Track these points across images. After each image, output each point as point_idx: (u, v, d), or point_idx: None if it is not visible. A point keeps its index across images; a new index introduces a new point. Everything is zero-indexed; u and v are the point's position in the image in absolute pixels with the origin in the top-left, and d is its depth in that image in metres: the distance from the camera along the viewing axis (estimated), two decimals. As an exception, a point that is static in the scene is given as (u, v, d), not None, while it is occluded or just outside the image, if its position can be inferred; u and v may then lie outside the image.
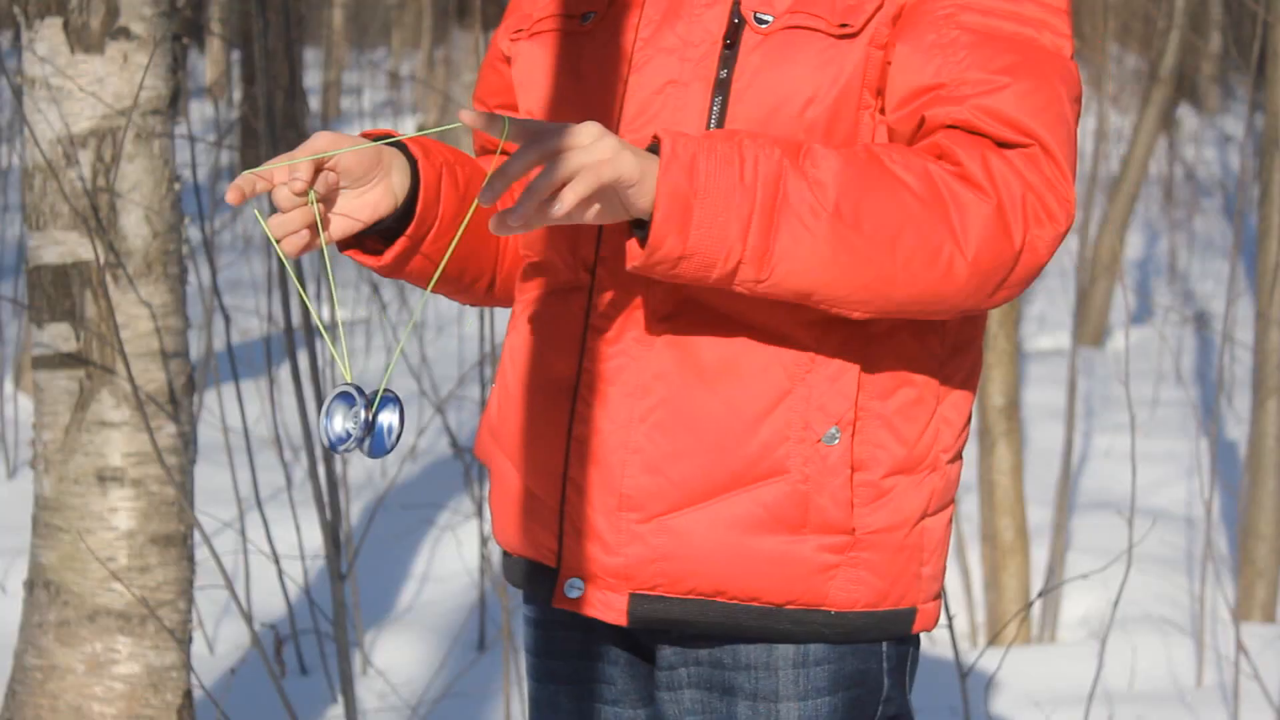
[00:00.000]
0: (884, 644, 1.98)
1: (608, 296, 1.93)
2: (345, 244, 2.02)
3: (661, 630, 1.98)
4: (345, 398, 1.88)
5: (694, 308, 1.90)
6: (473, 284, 2.12)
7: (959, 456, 2.01)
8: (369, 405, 1.87)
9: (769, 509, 1.89)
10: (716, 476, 1.90)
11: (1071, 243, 10.94)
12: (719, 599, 1.92)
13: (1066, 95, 1.87)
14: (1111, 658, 4.71)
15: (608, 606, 1.95)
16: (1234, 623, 4.77)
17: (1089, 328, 8.66)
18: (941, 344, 1.95)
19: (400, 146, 1.96)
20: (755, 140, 1.79)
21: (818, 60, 1.87)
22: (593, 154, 1.72)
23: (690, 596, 1.93)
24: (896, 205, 1.78)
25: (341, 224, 1.94)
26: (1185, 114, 14.86)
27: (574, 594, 1.96)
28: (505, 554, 2.09)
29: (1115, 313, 9.19)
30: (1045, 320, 9.51)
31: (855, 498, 1.91)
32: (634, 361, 1.91)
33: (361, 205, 1.94)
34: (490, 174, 1.78)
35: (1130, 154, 8.33)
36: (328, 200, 1.93)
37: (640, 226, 1.79)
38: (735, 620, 1.93)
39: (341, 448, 1.87)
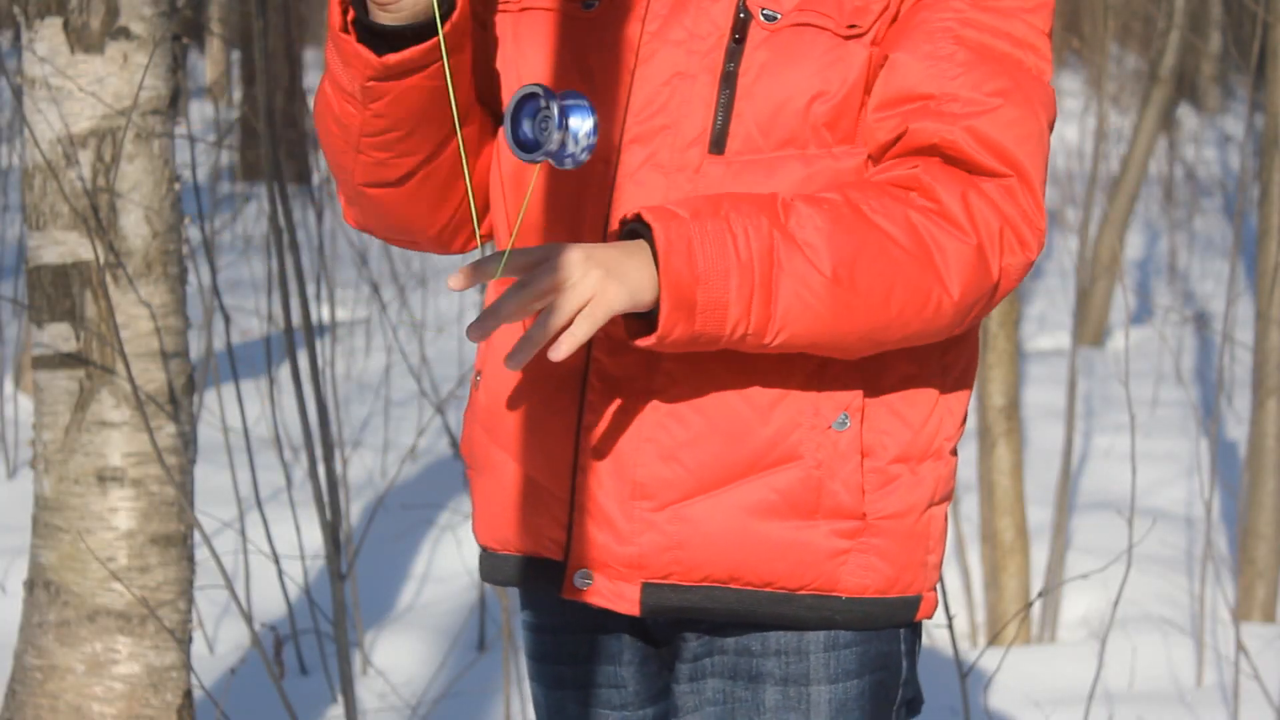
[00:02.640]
0: (903, 629, 2.00)
1: None
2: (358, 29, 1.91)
3: (684, 623, 1.98)
4: (530, 101, 1.80)
5: None
6: (405, 154, 1.98)
7: (956, 450, 2.03)
8: (559, 105, 1.77)
9: (783, 495, 1.91)
10: (731, 463, 1.91)
11: (1071, 243, 10.94)
12: (732, 585, 1.93)
13: (1046, 123, 1.92)
14: (1111, 658, 4.71)
15: (619, 597, 1.95)
16: (1234, 623, 4.77)
17: (1089, 328, 8.65)
18: None
19: None
20: (739, 209, 1.82)
21: (826, 59, 1.89)
22: (582, 293, 1.77)
23: (703, 584, 1.93)
24: (887, 262, 1.84)
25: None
26: (1185, 114, 14.86)
27: (583, 585, 1.96)
28: (489, 554, 2.06)
29: (1115, 313, 9.19)
30: (1045, 320, 9.51)
31: (866, 483, 1.93)
32: (643, 352, 1.91)
33: None
34: (482, 312, 1.81)
35: (1130, 154, 8.33)
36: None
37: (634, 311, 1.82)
38: (749, 607, 1.94)
39: (529, 156, 1.80)
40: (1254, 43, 5.23)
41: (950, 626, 3.38)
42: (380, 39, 1.89)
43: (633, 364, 1.92)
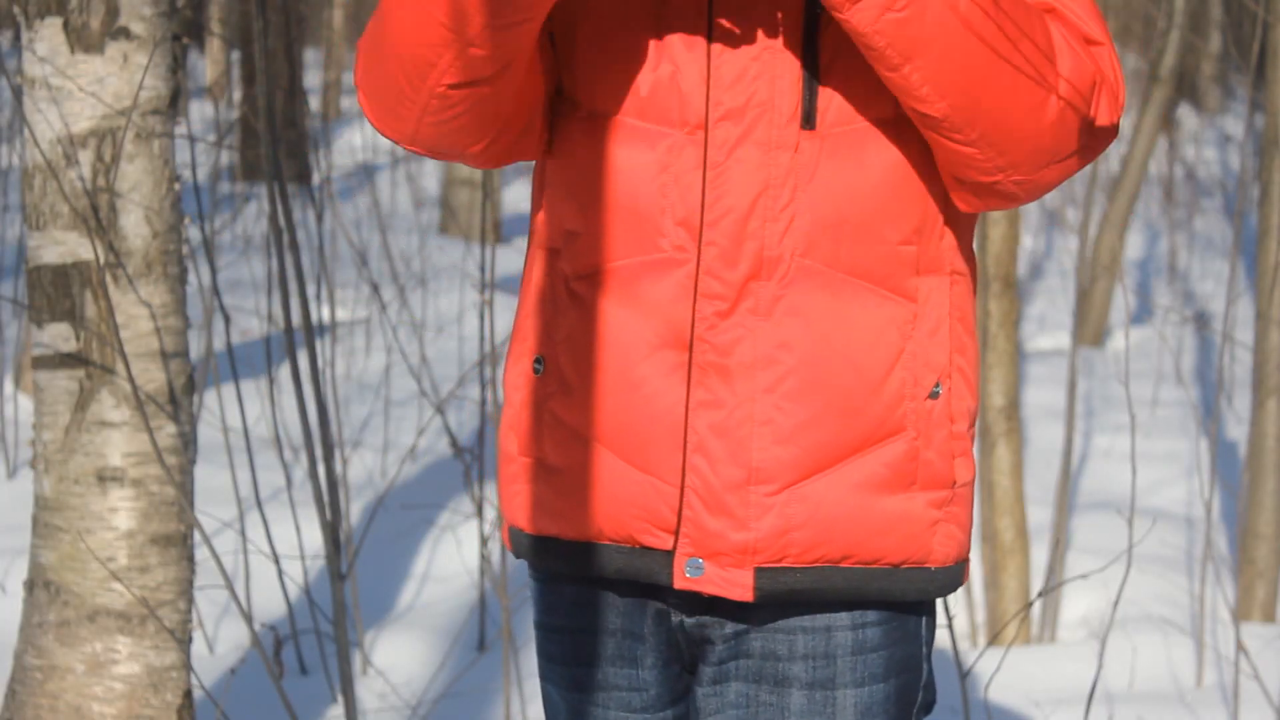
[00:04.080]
0: (923, 626, 2.01)
1: (720, 269, 1.90)
2: None
3: (707, 613, 1.98)
4: None
5: (809, 274, 1.90)
6: (520, 37, 1.85)
7: None
8: None
9: (890, 467, 1.92)
10: (847, 440, 1.92)
11: (1071, 243, 10.94)
12: (845, 564, 1.93)
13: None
14: (1111, 658, 4.70)
15: (732, 584, 1.93)
16: (1234, 623, 4.77)
17: (1089, 328, 8.65)
18: (972, 303, 2.02)
19: None
20: None
21: None
22: None
23: (817, 564, 1.93)
24: (1031, 23, 1.83)
25: None
26: (1185, 114, 14.86)
27: (695, 574, 1.93)
28: (556, 541, 1.99)
29: (1115, 313, 9.19)
30: (1045, 320, 9.51)
31: (954, 450, 1.96)
32: (751, 333, 1.90)
33: None
34: None
35: (1130, 154, 8.33)
36: None
37: None
38: (858, 585, 1.94)
39: None
40: (1254, 43, 5.23)
41: (950, 626, 3.38)
42: None
43: (739, 345, 1.90)
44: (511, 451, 2.04)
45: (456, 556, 5.51)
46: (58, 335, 3.32)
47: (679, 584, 1.94)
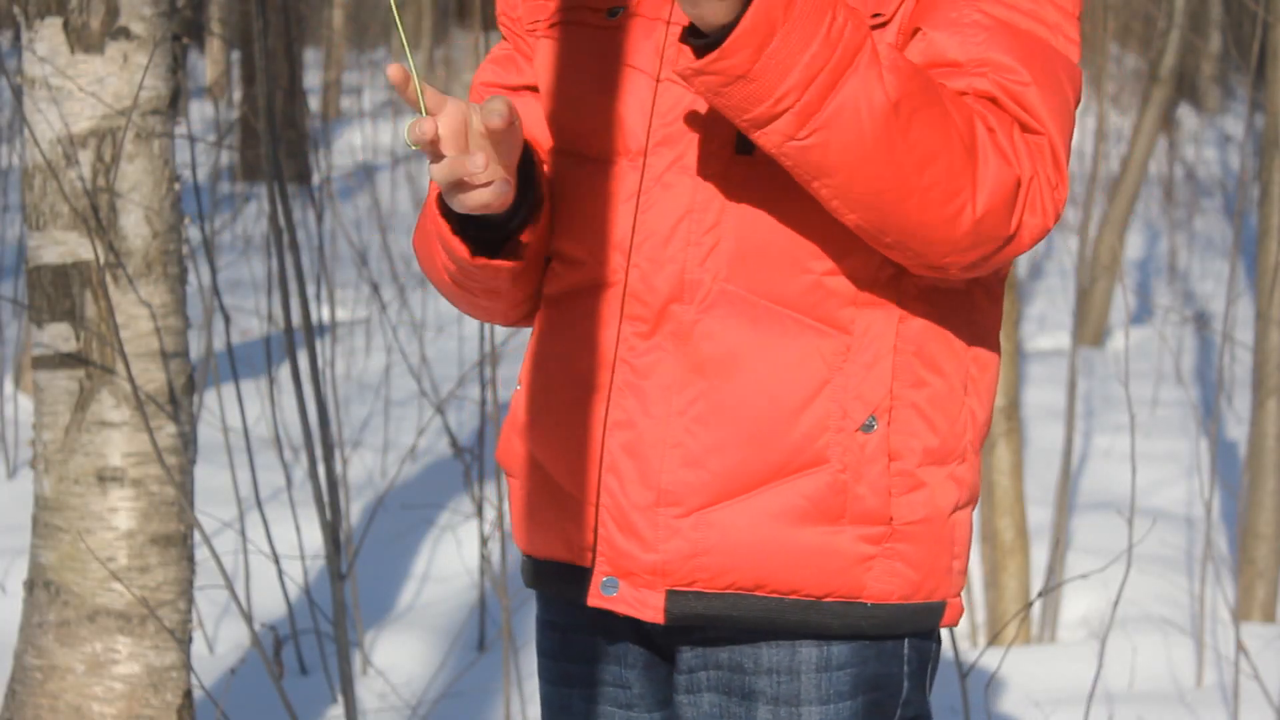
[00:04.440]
0: (905, 646, 1.98)
1: (641, 291, 1.92)
2: (474, 247, 1.97)
3: (682, 632, 1.98)
4: None
5: (730, 300, 1.90)
6: (507, 300, 2.06)
7: (979, 450, 2.02)
8: None
9: (810, 499, 1.89)
10: (758, 468, 1.89)
11: (1071, 243, 10.94)
12: (758, 593, 1.91)
13: (1073, 100, 1.90)
14: (1111, 658, 4.70)
15: (644, 604, 1.94)
16: (1234, 623, 4.77)
17: (1089, 328, 8.65)
18: (966, 333, 1.97)
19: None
20: (850, 10, 1.78)
21: None
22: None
23: (729, 591, 1.92)
24: (944, 130, 1.79)
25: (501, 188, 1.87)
26: (1185, 114, 14.86)
27: (610, 592, 1.95)
28: (527, 559, 2.07)
29: (1115, 313, 9.19)
30: (1045, 320, 9.51)
31: (892, 487, 1.91)
32: (670, 356, 1.91)
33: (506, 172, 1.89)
34: None
35: (1130, 154, 8.33)
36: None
37: (698, 37, 1.76)
38: (773, 615, 1.92)
39: None
40: (1254, 43, 5.23)
41: (950, 626, 3.38)
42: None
43: (657, 365, 1.92)
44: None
45: (456, 556, 5.51)
46: (58, 335, 3.32)
47: (593, 601, 1.96)
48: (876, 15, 1.88)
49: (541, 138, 2.05)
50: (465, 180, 1.84)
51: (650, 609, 1.93)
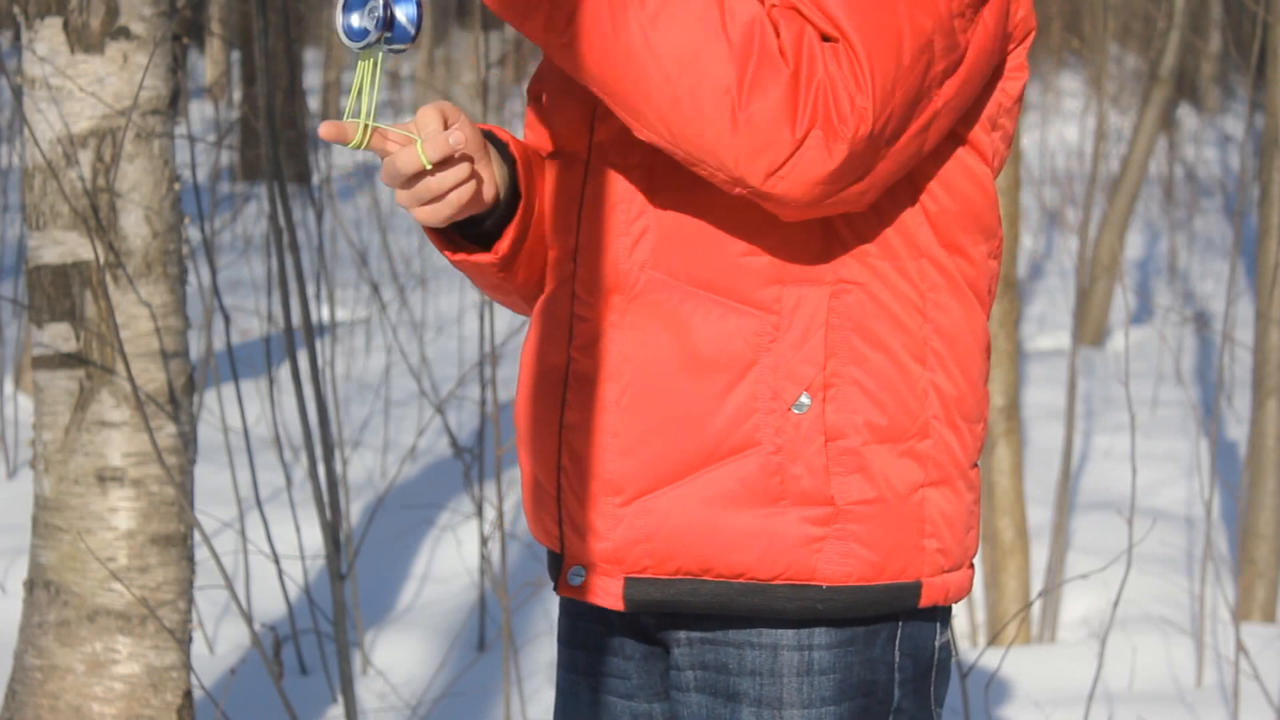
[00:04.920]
0: (896, 654, 1.97)
1: (586, 283, 1.96)
2: (453, 244, 2.03)
3: (668, 619, 1.99)
4: None
5: (656, 287, 1.92)
6: (539, 279, 2.10)
7: (978, 420, 1.98)
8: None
9: (744, 482, 1.89)
10: (689, 454, 1.91)
11: (1071, 243, 10.94)
12: (707, 577, 1.92)
13: (907, 21, 1.81)
14: (1111, 658, 4.70)
15: (606, 592, 1.96)
16: (1234, 623, 4.77)
17: (1089, 328, 8.65)
18: (921, 305, 1.93)
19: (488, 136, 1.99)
20: None
21: None
22: None
23: (678, 576, 1.93)
24: (702, 26, 1.78)
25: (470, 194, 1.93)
26: (1185, 114, 14.86)
27: (576, 581, 1.98)
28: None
29: (1115, 313, 9.19)
30: (1045, 320, 9.51)
31: (832, 466, 1.89)
32: (609, 345, 1.94)
33: (484, 183, 1.96)
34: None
35: (1130, 154, 8.33)
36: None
37: None
38: (727, 599, 1.93)
39: (361, 44, 1.85)
40: (1254, 43, 5.23)
41: (950, 626, 3.38)
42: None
43: (596, 358, 1.95)
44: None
45: (456, 556, 5.51)
46: (58, 335, 3.32)
47: (563, 591, 2.00)
48: None
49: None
50: (431, 196, 1.91)
51: (611, 596, 1.96)
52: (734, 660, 1.96)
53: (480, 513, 4.87)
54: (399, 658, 4.78)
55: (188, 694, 3.36)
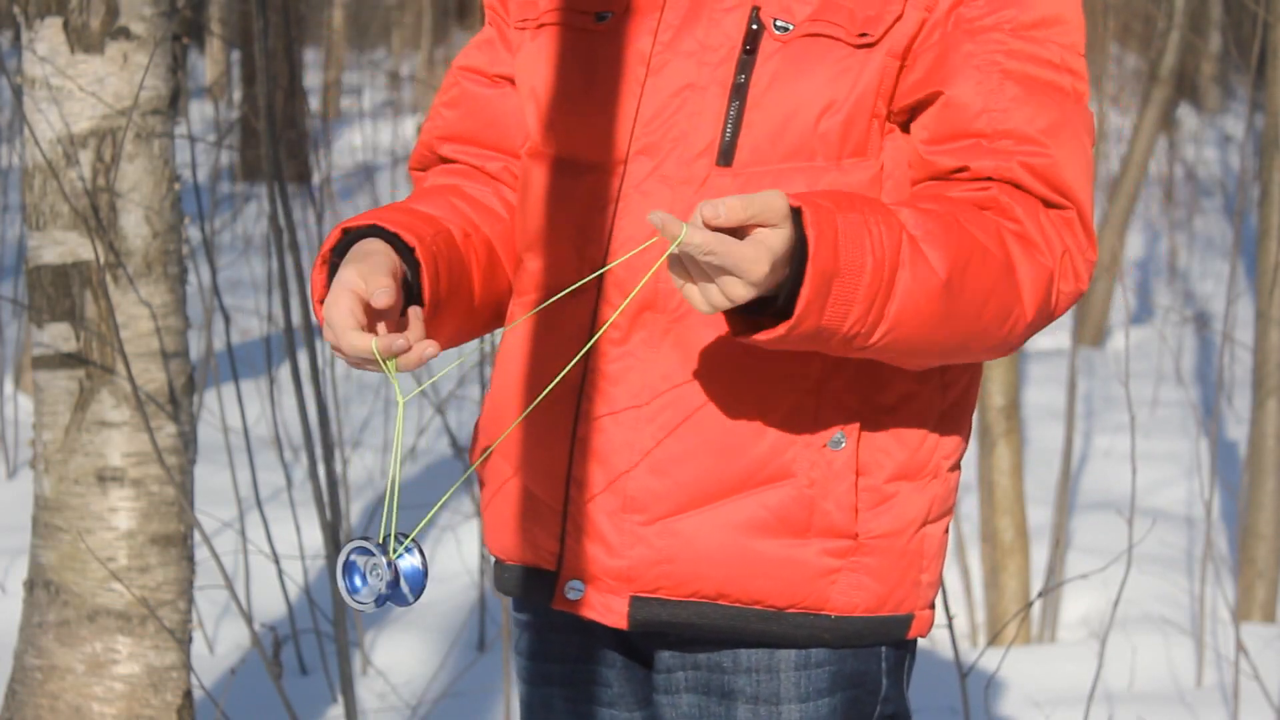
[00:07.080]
0: (883, 647, 1.98)
1: (615, 297, 1.92)
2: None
3: (658, 634, 1.98)
4: (362, 551, 1.87)
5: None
6: (497, 310, 2.08)
7: (959, 465, 2.01)
8: (386, 554, 1.85)
9: (774, 512, 1.89)
10: (723, 479, 1.90)
11: (1071, 243, 10.92)
12: (721, 601, 1.92)
13: (1090, 148, 1.92)
14: (1111, 658, 4.70)
15: (608, 609, 1.95)
16: (1234, 623, 4.77)
17: (1089, 328, 8.65)
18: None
19: (387, 238, 1.91)
20: (872, 205, 1.78)
21: (836, 69, 1.87)
22: (753, 278, 1.70)
23: (692, 599, 1.93)
24: (987, 273, 1.82)
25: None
26: (1185, 114, 14.86)
27: (574, 596, 1.96)
28: (498, 563, 2.07)
29: (1115, 313, 9.19)
30: (1045, 320, 9.50)
31: (859, 502, 1.91)
32: (641, 362, 1.91)
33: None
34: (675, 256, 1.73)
35: (1130, 154, 8.32)
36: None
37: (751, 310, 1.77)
38: (736, 624, 1.93)
39: (360, 604, 1.86)
40: (1254, 43, 5.23)
41: (950, 626, 3.38)
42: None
43: (628, 371, 1.92)
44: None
45: (456, 556, 5.51)
46: (58, 335, 3.32)
47: (557, 605, 1.97)
48: (864, 35, 1.87)
49: (518, 135, 2.06)
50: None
51: (614, 614, 1.94)
52: (729, 658, 1.96)
53: (480, 513, 4.86)
54: (399, 658, 4.78)
55: (188, 694, 3.36)
